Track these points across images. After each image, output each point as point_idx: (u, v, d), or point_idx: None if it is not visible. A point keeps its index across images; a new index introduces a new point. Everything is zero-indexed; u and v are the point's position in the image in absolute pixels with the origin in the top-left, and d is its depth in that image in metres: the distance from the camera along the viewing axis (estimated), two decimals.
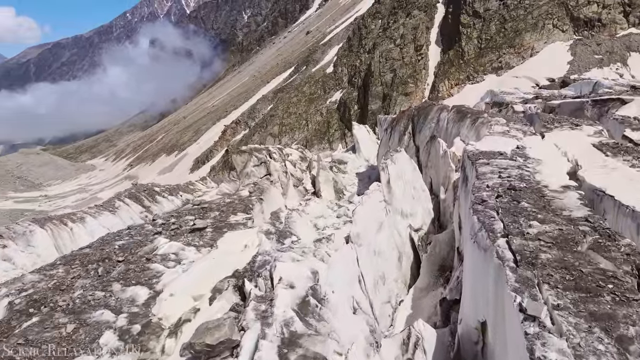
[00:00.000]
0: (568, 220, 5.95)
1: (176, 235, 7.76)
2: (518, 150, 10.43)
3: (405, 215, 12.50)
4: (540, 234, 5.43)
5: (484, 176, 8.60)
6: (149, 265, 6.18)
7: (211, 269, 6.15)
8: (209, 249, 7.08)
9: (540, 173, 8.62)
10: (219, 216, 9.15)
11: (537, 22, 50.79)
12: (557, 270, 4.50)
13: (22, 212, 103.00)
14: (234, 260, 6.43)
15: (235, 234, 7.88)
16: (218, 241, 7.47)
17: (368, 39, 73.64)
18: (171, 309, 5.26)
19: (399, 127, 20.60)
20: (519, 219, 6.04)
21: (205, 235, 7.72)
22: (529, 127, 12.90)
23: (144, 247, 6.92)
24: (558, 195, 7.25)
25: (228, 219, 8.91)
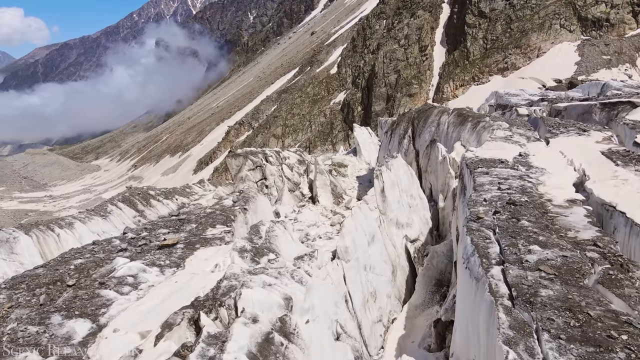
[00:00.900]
0: (574, 243, 5.22)
1: (142, 252, 7.08)
2: (520, 158, 9.69)
3: (401, 226, 11.77)
4: (542, 262, 4.70)
5: (481, 187, 7.88)
6: (100, 291, 5.49)
7: (170, 295, 5.46)
8: (174, 270, 6.39)
9: (544, 184, 7.88)
10: (195, 229, 8.43)
11: (544, 22, 49.84)
12: (559, 312, 3.79)
13: (26, 212, 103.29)
14: (199, 285, 5.74)
15: (208, 252, 7.18)
16: (187, 260, 6.77)
17: (372, 39, 72.88)
18: (109, 350, 4.54)
19: (399, 130, 19.87)
20: (517, 242, 5.31)
21: (175, 253, 7.03)
22: (533, 132, 12.14)
23: (101, 268, 6.25)
24: (563, 211, 6.51)
25: (205, 233, 8.20)
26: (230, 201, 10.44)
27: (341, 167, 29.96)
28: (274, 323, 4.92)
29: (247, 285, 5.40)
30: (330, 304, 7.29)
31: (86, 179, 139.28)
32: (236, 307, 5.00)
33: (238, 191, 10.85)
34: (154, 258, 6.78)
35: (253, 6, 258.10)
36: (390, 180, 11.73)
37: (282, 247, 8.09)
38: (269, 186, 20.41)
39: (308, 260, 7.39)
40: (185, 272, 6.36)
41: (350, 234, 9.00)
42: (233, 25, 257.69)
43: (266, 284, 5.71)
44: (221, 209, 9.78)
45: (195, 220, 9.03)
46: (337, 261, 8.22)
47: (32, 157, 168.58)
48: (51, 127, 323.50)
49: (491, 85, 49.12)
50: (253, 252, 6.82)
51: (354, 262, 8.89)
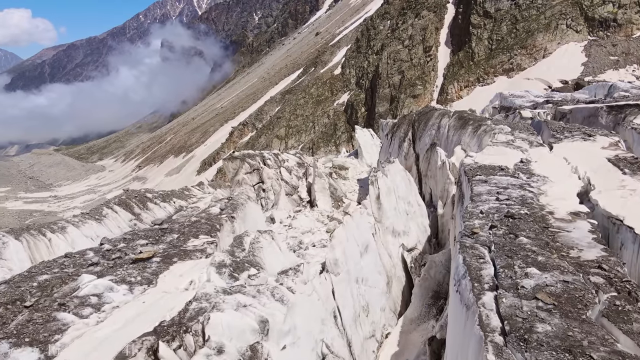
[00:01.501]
0: (576, 265, 4.73)
1: (115, 267, 6.63)
2: (522, 165, 9.18)
3: (397, 234, 11.29)
4: (540, 288, 4.22)
5: (479, 198, 7.39)
6: (58, 313, 5.04)
7: (133, 319, 5.02)
8: (145, 288, 5.93)
9: (546, 195, 7.37)
10: (176, 240, 7.94)
11: (550, 22, 49.10)
12: (557, 353, 3.31)
13: (31, 212, 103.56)
14: (167, 306, 5.28)
15: (185, 266, 6.71)
16: (160, 276, 6.30)
17: (376, 40, 72.31)
18: None
19: (399, 133, 19.39)
20: (514, 262, 4.83)
21: (149, 267, 6.58)
22: (536, 136, 11.62)
23: (65, 286, 5.80)
24: (565, 225, 6.01)
25: (186, 244, 7.72)
26: (217, 209, 10.00)
27: (342, 169, 29.47)
28: (243, 353, 4.48)
29: (218, 308, 4.95)
30: (315, 322, 6.83)
31: (91, 180, 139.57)
32: (204, 334, 4.55)
33: (227, 198, 10.42)
34: (126, 274, 6.33)
35: (258, 7, 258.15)
36: (386, 186, 11.25)
37: (267, 259, 7.63)
38: (266, 190, 19.97)
39: (292, 275, 6.92)
40: (157, 291, 5.92)
41: (341, 244, 8.53)
42: (238, 26, 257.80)
43: (241, 305, 5.26)
44: (207, 218, 9.33)
45: (178, 230, 8.58)
46: (325, 275, 7.75)
47: (38, 157, 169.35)
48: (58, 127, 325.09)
49: (496, 86, 48.44)
50: (233, 267, 6.36)
51: (345, 274, 8.42)
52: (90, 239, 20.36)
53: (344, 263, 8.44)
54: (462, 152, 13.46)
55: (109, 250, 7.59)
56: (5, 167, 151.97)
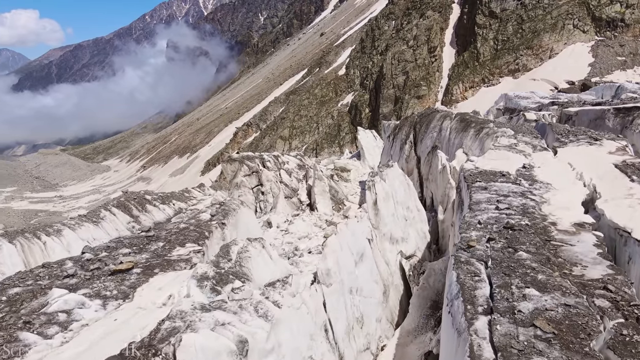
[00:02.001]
0: (580, 285, 4.34)
1: (92, 279, 6.30)
2: (524, 171, 8.78)
3: (396, 241, 10.90)
4: (538, 313, 3.83)
5: (477, 206, 7.00)
6: (21, 333, 4.71)
7: (100, 340, 4.68)
8: (120, 303, 5.60)
9: (549, 203, 6.97)
10: (161, 249, 7.60)
11: (556, 22, 48.48)
12: None
13: (36, 212, 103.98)
14: (140, 324, 4.94)
15: (166, 278, 6.37)
16: (138, 289, 5.96)
17: (381, 40, 71.89)
18: None
19: (400, 135, 18.99)
20: (512, 281, 4.45)
21: (128, 280, 6.24)
22: (539, 140, 11.20)
23: (35, 301, 5.48)
24: (569, 238, 5.62)
25: (170, 253, 7.37)
26: (207, 215, 9.64)
27: (344, 171, 29.10)
28: None
29: (193, 327, 4.61)
30: (303, 338, 6.47)
31: (96, 180, 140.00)
32: (175, 357, 4.21)
33: (218, 203, 10.07)
34: (102, 287, 6.00)
35: (264, 7, 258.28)
36: (384, 191, 10.87)
37: (255, 270, 7.28)
38: (265, 193, 19.65)
39: (280, 288, 6.57)
40: (132, 306, 5.58)
41: (334, 254, 8.16)
42: (244, 26, 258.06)
43: (219, 323, 4.91)
44: (196, 224, 8.99)
45: (165, 237, 8.24)
46: (316, 286, 7.39)
47: (44, 157, 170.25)
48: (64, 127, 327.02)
49: (501, 87, 47.90)
50: (216, 280, 6.01)
51: (338, 285, 8.05)
52: (86, 242, 20.09)
53: (337, 273, 8.08)
54: (463, 155, 13.06)
55: (89, 260, 7.27)
56: (12, 167, 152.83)
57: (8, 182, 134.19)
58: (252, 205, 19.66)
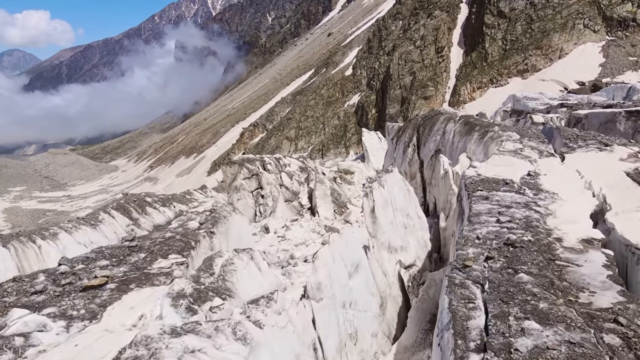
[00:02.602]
0: (587, 316, 3.85)
1: (61, 295, 5.91)
2: (529, 179, 8.27)
3: (394, 250, 10.42)
4: (538, 352, 3.36)
5: (477, 218, 6.52)
6: None
7: None
8: (85, 325, 5.20)
9: (554, 216, 6.47)
10: (141, 261, 7.18)
11: (566, 22, 47.60)
12: None
13: (44, 212, 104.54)
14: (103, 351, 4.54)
15: (141, 295, 5.96)
16: (108, 308, 5.55)
17: (388, 40, 71.26)
18: None
19: (404, 138, 18.50)
20: (510, 310, 3.97)
21: (99, 296, 5.84)
22: (546, 145, 10.66)
23: None
24: (575, 257, 5.12)
25: (151, 265, 6.97)
26: (195, 223, 9.23)
27: (347, 174, 28.63)
28: None
29: (158, 356, 4.20)
30: (288, 359, 6.02)
31: (104, 179, 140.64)
32: None
33: (209, 210, 9.65)
34: (69, 305, 5.61)
35: (272, 8, 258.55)
36: (382, 198, 10.39)
37: (241, 284, 6.86)
38: (264, 196, 19.24)
39: (264, 305, 6.14)
40: (98, 329, 5.18)
41: (326, 266, 7.71)
42: (252, 26, 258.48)
43: (188, 350, 4.49)
44: (182, 233, 8.58)
45: (148, 247, 7.83)
46: (304, 302, 6.95)
47: (53, 156, 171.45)
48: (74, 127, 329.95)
49: (510, 88, 47.13)
50: (193, 298, 5.60)
51: (329, 300, 7.60)
52: (83, 245, 19.79)
53: (329, 287, 7.63)
54: (467, 160, 12.56)
55: (63, 274, 6.90)
56: (22, 166, 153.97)
57: (17, 182, 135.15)
58: (252, 208, 19.27)
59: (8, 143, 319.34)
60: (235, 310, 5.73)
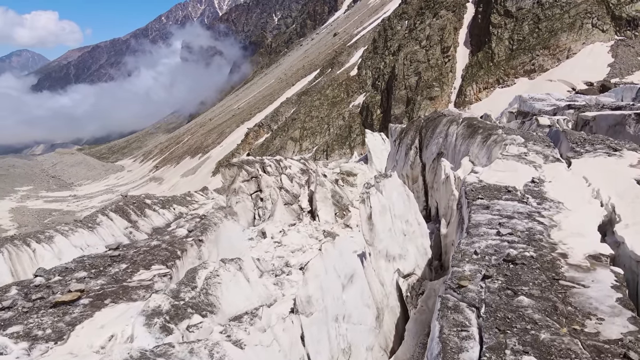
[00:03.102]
0: (594, 350, 3.43)
1: (30, 311, 5.55)
2: (533, 186, 7.83)
3: (392, 258, 10.00)
4: None
5: (476, 230, 6.10)
6: None
7: None
8: (49, 346, 4.85)
9: (559, 228, 6.03)
10: (122, 272, 6.81)
11: (574, 21, 46.89)
12: None
13: (50, 211, 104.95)
14: None
15: (114, 312, 5.56)
16: (77, 327, 5.17)
17: (393, 40, 70.74)
18: None
19: (406, 140, 18.05)
20: (507, 341, 3.56)
21: (70, 313, 5.47)
22: (552, 149, 10.19)
23: None
24: (582, 276, 4.69)
25: (131, 278, 6.60)
26: (184, 230, 8.84)
27: (350, 176, 28.21)
28: None
29: None
30: None
31: (110, 179, 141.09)
32: None
33: (198, 217, 9.27)
34: (36, 323, 5.25)
35: (278, 8, 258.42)
36: (380, 205, 9.98)
37: (226, 298, 6.48)
38: (264, 199, 18.88)
39: (248, 322, 5.75)
40: (62, 351, 4.80)
41: (317, 278, 7.31)
42: (258, 27, 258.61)
43: None
44: (169, 241, 8.19)
45: (132, 257, 7.46)
46: (292, 317, 6.55)
47: (60, 156, 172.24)
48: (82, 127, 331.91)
49: (516, 88, 46.48)
50: (170, 315, 5.22)
51: (320, 314, 7.21)
52: (79, 249, 19.48)
53: (320, 300, 7.24)
54: (469, 164, 12.11)
55: (37, 287, 6.55)
56: (29, 166, 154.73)
57: (25, 181, 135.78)
58: (251, 212, 18.91)
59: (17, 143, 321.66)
60: (215, 329, 5.35)
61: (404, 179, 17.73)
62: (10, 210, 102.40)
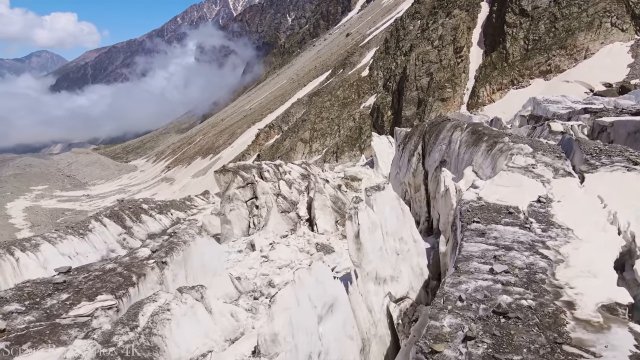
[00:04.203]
0: None
1: None
2: (539, 207, 6.78)
3: (383, 281, 9.01)
4: None
5: (466, 265, 5.10)
6: None
7: None
8: None
9: (567, 264, 5.00)
10: (59, 304, 5.89)
11: (592, 20, 45.13)
12: None
13: (63, 211, 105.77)
14: None
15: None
16: None
17: (405, 40, 69.45)
18: None
19: (409, 146, 17.02)
20: None
21: None
22: (563, 161, 9.10)
23: None
24: (592, 339, 3.67)
25: (68, 313, 5.73)
26: (147, 250, 7.93)
27: (354, 181, 27.24)
28: None
29: None
30: None
31: (123, 179, 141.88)
32: None
33: (168, 234, 8.37)
34: None
35: (292, 8, 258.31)
36: (369, 221, 8.99)
37: (175, 338, 5.57)
38: (259, 207, 17.99)
39: None
40: None
41: (286, 312, 6.37)
42: (272, 27, 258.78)
43: None
44: (127, 264, 7.27)
45: (78, 284, 6.56)
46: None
47: (76, 156, 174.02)
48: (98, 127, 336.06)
49: (532, 90, 44.93)
50: None
51: (289, 354, 6.26)
52: (67, 257, 18.82)
53: (290, 337, 6.29)
54: (472, 175, 11.05)
55: None
56: (45, 165, 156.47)
57: (40, 180, 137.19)
58: (246, 220, 18.06)
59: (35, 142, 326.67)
60: None
61: (406, 187, 16.69)
62: (24, 210, 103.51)
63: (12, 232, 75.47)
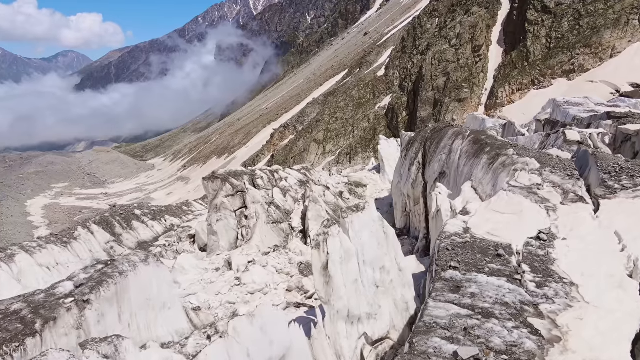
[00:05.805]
0: None
1: None
2: (537, 246, 5.33)
3: (357, 320, 7.64)
4: None
5: (424, 342, 3.73)
6: None
7: None
8: None
9: (564, 347, 3.58)
10: None
11: (619, 17, 42.61)
12: None
13: (80, 209, 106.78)
14: None
15: None
16: None
17: (422, 39, 67.43)
18: None
19: (411, 153, 15.55)
20: None
21: None
22: (575, 181, 7.56)
23: None
24: None
25: None
26: (70, 285, 6.64)
27: (358, 186, 25.85)
28: None
29: None
30: None
31: (140, 178, 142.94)
32: None
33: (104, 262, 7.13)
34: None
35: (311, 7, 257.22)
36: (342, 249, 7.63)
37: None
38: (249, 217, 16.76)
39: None
40: None
41: None
42: (291, 26, 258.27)
43: None
44: (38, 304, 6.04)
45: None
46: None
47: (97, 154, 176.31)
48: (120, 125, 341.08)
49: (553, 90, 42.72)
50: None
51: None
52: (46, 268, 17.83)
53: None
54: (471, 192, 9.57)
55: None
56: (67, 163, 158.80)
57: (61, 178, 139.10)
58: (234, 231, 16.85)
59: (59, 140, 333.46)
60: None
61: (405, 199, 15.22)
62: (43, 207, 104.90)
63: (29, 230, 76.22)
